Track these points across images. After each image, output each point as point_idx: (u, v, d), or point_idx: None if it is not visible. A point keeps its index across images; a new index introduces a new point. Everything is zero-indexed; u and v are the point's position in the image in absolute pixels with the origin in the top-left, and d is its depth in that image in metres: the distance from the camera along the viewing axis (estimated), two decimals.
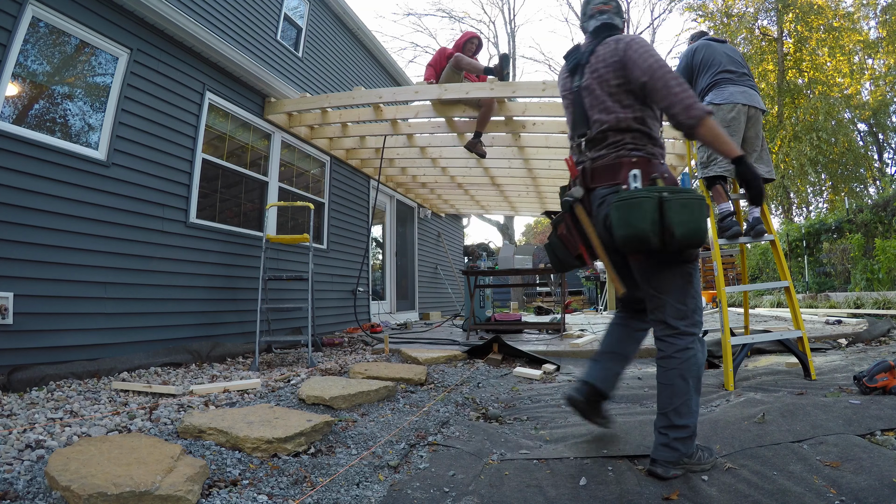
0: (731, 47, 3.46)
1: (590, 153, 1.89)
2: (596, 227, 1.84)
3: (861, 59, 17.69)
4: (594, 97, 1.86)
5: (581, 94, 1.90)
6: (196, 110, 4.57)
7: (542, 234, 36.44)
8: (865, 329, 4.91)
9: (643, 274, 1.79)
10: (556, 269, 2.07)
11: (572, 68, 1.97)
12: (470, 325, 6.02)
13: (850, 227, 10.99)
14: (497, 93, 4.90)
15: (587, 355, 4.65)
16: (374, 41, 8.75)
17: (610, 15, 1.98)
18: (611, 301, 11.26)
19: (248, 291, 5.00)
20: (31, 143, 3.23)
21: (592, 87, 1.86)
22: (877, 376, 2.44)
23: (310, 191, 6.54)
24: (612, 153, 1.82)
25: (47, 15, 3.36)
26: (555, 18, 51.82)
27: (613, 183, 1.78)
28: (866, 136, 19.34)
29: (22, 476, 1.64)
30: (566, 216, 1.91)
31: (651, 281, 1.77)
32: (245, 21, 5.58)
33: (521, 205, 10.89)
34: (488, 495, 1.67)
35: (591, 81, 1.87)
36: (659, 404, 1.75)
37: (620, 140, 1.81)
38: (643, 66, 1.74)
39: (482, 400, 3.05)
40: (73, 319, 3.43)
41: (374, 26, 44.89)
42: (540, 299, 15.48)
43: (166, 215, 4.20)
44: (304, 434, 2.04)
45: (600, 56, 1.86)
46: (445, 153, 7.02)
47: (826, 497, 1.51)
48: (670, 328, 1.75)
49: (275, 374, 3.69)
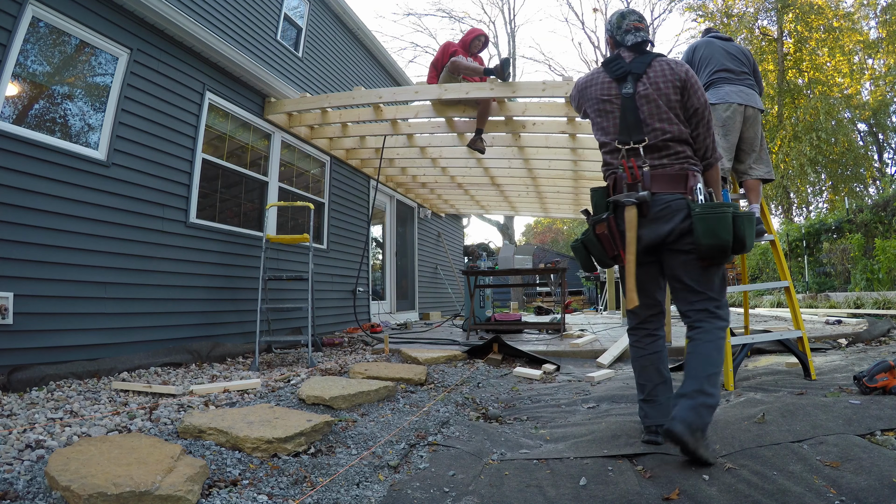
0: (734, 45, 3.42)
1: (648, 159, 1.98)
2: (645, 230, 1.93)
3: (861, 59, 17.70)
4: (656, 107, 1.98)
5: (636, 101, 2.00)
6: (196, 110, 4.57)
7: (542, 234, 36.45)
8: (865, 329, 4.92)
9: (690, 274, 1.94)
10: (584, 267, 2.14)
11: (620, 76, 2.06)
12: (470, 325, 6.02)
13: (850, 227, 11.00)
14: (497, 93, 4.90)
15: (587, 355, 4.65)
16: (374, 41, 8.75)
17: (644, 33, 2.14)
18: (611, 301, 11.25)
19: (248, 291, 5.00)
20: (31, 143, 3.23)
21: (653, 97, 1.98)
22: (877, 376, 2.43)
23: (310, 191, 6.54)
24: (675, 163, 1.97)
25: (47, 15, 3.36)
26: (555, 18, 51.95)
27: (677, 191, 1.93)
28: (866, 136, 19.34)
29: (22, 476, 1.64)
30: (611, 217, 1.97)
31: (694, 276, 1.95)
32: (245, 21, 5.58)
33: (521, 205, 10.89)
34: (488, 495, 1.67)
35: (652, 92, 1.99)
36: (690, 372, 1.83)
37: (683, 152, 1.98)
38: (701, 98, 2.02)
39: (482, 400, 3.05)
40: (73, 319, 3.43)
41: (374, 26, 44.91)
42: (540, 299, 15.49)
43: (166, 215, 4.20)
44: (304, 434, 2.04)
45: (659, 72, 2.01)
46: (445, 153, 7.02)
47: (826, 497, 1.51)
48: (711, 314, 1.93)
49: (275, 374, 3.69)
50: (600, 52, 22.50)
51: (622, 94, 2.03)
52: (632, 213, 1.90)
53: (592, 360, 4.42)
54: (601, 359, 4.28)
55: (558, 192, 9.18)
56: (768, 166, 3.35)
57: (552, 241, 34.96)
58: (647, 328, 2.11)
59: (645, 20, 2.20)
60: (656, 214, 1.93)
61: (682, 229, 1.89)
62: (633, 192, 1.93)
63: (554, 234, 35.88)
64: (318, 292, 6.18)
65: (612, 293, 11.25)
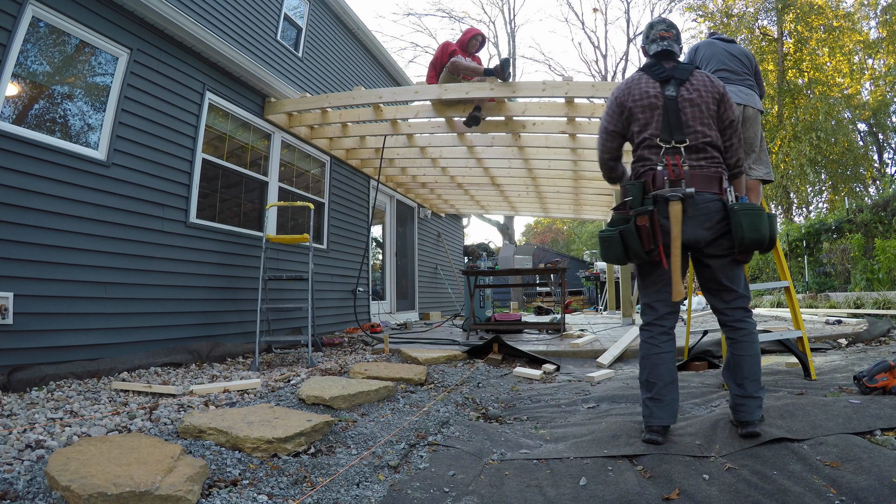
0: (737, 47, 3.43)
1: (688, 159, 2.08)
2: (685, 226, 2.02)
3: (861, 59, 17.69)
4: (699, 111, 2.10)
5: (679, 104, 2.11)
6: (196, 110, 4.57)
7: (542, 234, 36.46)
8: (865, 329, 4.91)
9: (724, 271, 2.09)
10: (615, 260, 2.16)
11: (663, 79, 2.17)
12: (470, 325, 6.02)
13: (850, 227, 10.99)
14: (497, 93, 4.90)
15: (587, 355, 4.65)
16: (374, 41, 8.75)
17: (670, 42, 2.23)
18: (611, 301, 11.24)
19: (248, 291, 5.00)
20: (31, 143, 3.23)
21: (697, 102, 2.11)
22: (877, 376, 2.43)
23: (310, 191, 6.55)
24: (711, 166, 2.08)
25: (47, 15, 3.36)
26: (555, 18, 52.00)
27: (713, 191, 2.05)
28: (866, 136, 19.32)
29: (22, 476, 1.64)
30: (654, 210, 2.03)
31: (730, 276, 2.10)
32: (245, 21, 5.58)
33: (521, 205, 10.89)
34: (488, 495, 1.67)
35: (696, 97, 2.11)
36: (748, 373, 2.02)
37: (717, 157, 2.11)
38: (736, 111, 2.19)
39: (482, 400, 3.05)
40: (73, 319, 3.43)
41: (374, 26, 44.90)
42: (540, 299, 15.49)
43: (166, 215, 4.20)
44: (304, 434, 2.04)
45: (702, 81, 2.15)
46: (445, 153, 7.02)
47: (826, 497, 1.51)
48: (747, 311, 2.11)
49: (275, 374, 3.69)
50: (600, 53, 22.51)
51: (665, 95, 2.13)
52: (677, 208, 1.99)
53: (592, 360, 4.42)
54: (601, 359, 4.28)
55: (558, 192, 9.18)
56: (768, 167, 3.35)
57: (552, 241, 34.97)
58: (663, 325, 2.14)
59: (674, 28, 2.28)
60: (695, 212, 2.02)
61: (719, 230, 2.03)
62: (677, 188, 2.00)
63: (554, 234, 35.90)
64: (318, 292, 6.18)
65: (612, 293, 11.24)
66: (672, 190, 2.01)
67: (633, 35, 23.49)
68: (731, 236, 2.00)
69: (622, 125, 2.23)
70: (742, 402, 2.01)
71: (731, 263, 2.08)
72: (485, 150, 6.82)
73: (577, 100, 5.19)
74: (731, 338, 2.10)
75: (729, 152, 2.16)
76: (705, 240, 2.04)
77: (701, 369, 3.78)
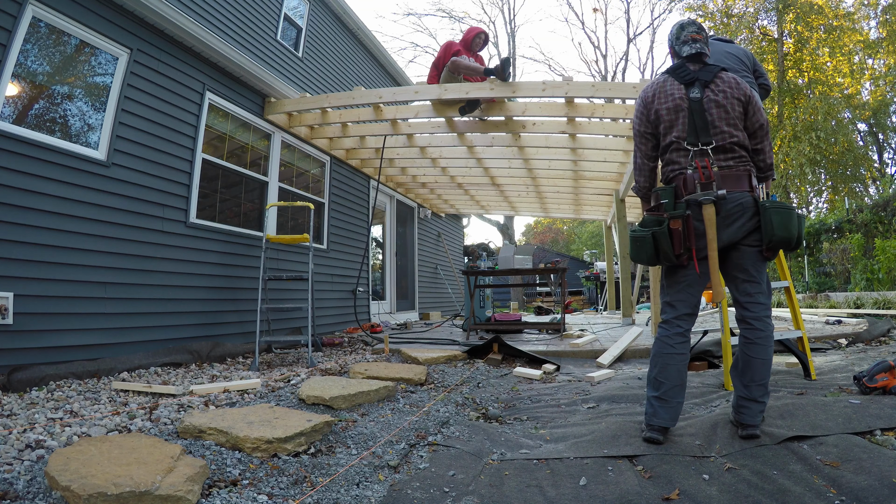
0: (735, 46, 3.44)
1: (716, 160, 2.10)
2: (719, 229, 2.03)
3: (861, 59, 17.69)
4: (725, 113, 2.11)
5: (705, 105, 2.12)
6: (196, 110, 4.57)
7: (542, 234, 36.45)
8: (865, 329, 4.91)
9: (755, 266, 2.09)
10: (646, 261, 2.16)
11: (688, 81, 2.18)
12: (470, 325, 6.02)
13: (850, 227, 11.00)
14: (497, 93, 4.90)
15: (587, 355, 4.65)
16: (374, 41, 8.75)
17: (702, 44, 2.24)
18: (611, 301, 11.24)
19: (248, 291, 5.00)
20: (32, 143, 3.23)
21: (722, 103, 2.11)
22: (877, 376, 2.43)
23: (310, 191, 6.54)
24: (739, 165, 2.10)
25: (47, 15, 3.36)
26: (555, 18, 51.94)
27: (744, 189, 2.06)
28: (866, 136, 19.34)
29: (22, 476, 1.64)
30: (688, 216, 2.05)
31: (757, 268, 2.10)
32: (245, 21, 5.58)
33: (521, 205, 10.89)
34: (488, 495, 1.67)
35: (721, 99, 2.12)
36: (756, 376, 2.01)
37: (744, 156, 2.12)
38: (763, 115, 2.19)
39: (482, 400, 3.05)
40: (73, 319, 3.43)
41: (374, 26, 44.88)
42: (540, 299, 15.50)
43: (166, 215, 4.20)
44: (304, 434, 2.04)
45: (728, 84, 2.15)
46: (445, 153, 7.02)
47: (826, 497, 1.51)
48: (767, 308, 2.09)
49: (275, 374, 3.69)
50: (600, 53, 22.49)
51: (689, 97, 2.15)
52: (711, 211, 2.00)
53: (592, 360, 4.42)
54: (601, 359, 4.28)
55: (558, 192, 9.18)
56: None
57: (552, 241, 34.97)
58: (681, 326, 2.13)
59: (704, 31, 2.29)
60: (728, 212, 2.03)
61: (751, 227, 2.03)
62: (709, 191, 2.01)
63: (554, 234, 35.90)
64: (318, 292, 6.18)
65: (612, 293, 11.24)
66: (704, 193, 2.02)
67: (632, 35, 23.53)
68: (760, 232, 2.02)
69: (652, 126, 2.24)
70: (745, 405, 2.01)
71: (758, 257, 2.08)
72: (485, 150, 6.81)
73: (577, 100, 5.19)
74: (746, 336, 2.08)
75: (760, 155, 2.18)
76: (739, 238, 2.05)
77: (701, 369, 3.78)
